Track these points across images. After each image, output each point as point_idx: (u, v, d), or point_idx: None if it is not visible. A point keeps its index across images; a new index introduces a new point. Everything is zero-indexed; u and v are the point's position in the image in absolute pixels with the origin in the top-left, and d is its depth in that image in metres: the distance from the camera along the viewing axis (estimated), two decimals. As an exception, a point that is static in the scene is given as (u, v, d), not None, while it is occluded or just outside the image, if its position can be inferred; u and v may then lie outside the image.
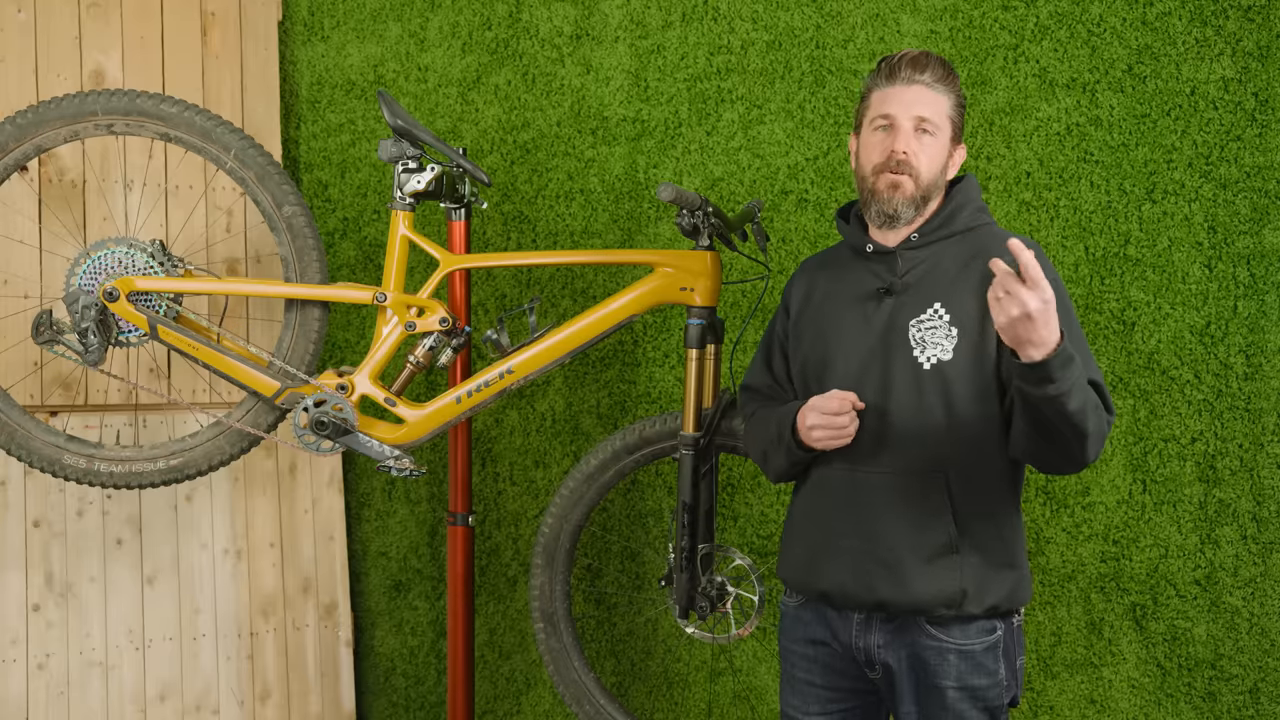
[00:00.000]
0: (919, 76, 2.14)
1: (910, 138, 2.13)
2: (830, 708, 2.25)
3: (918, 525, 2.10)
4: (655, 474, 3.32)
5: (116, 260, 2.80)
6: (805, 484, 2.26)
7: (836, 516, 2.17)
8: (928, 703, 2.14)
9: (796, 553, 2.25)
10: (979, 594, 2.11)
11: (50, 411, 3.29)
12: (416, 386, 3.58)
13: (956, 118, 2.17)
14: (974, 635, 2.13)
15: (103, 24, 3.40)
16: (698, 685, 3.31)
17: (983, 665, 2.13)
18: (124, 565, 3.34)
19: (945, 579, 2.09)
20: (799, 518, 2.26)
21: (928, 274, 2.15)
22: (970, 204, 2.20)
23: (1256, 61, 2.64)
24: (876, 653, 2.17)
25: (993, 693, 2.14)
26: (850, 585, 2.15)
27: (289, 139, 3.69)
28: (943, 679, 2.13)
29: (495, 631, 3.56)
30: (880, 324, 2.16)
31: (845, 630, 2.20)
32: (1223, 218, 2.69)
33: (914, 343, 2.12)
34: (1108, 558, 2.82)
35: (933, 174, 2.15)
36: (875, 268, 2.20)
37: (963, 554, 2.10)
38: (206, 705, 3.41)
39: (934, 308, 2.13)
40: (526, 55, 3.43)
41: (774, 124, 3.13)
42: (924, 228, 2.17)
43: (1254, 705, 2.69)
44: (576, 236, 3.38)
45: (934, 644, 2.13)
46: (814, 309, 2.27)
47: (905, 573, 2.10)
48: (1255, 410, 2.67)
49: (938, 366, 2.10)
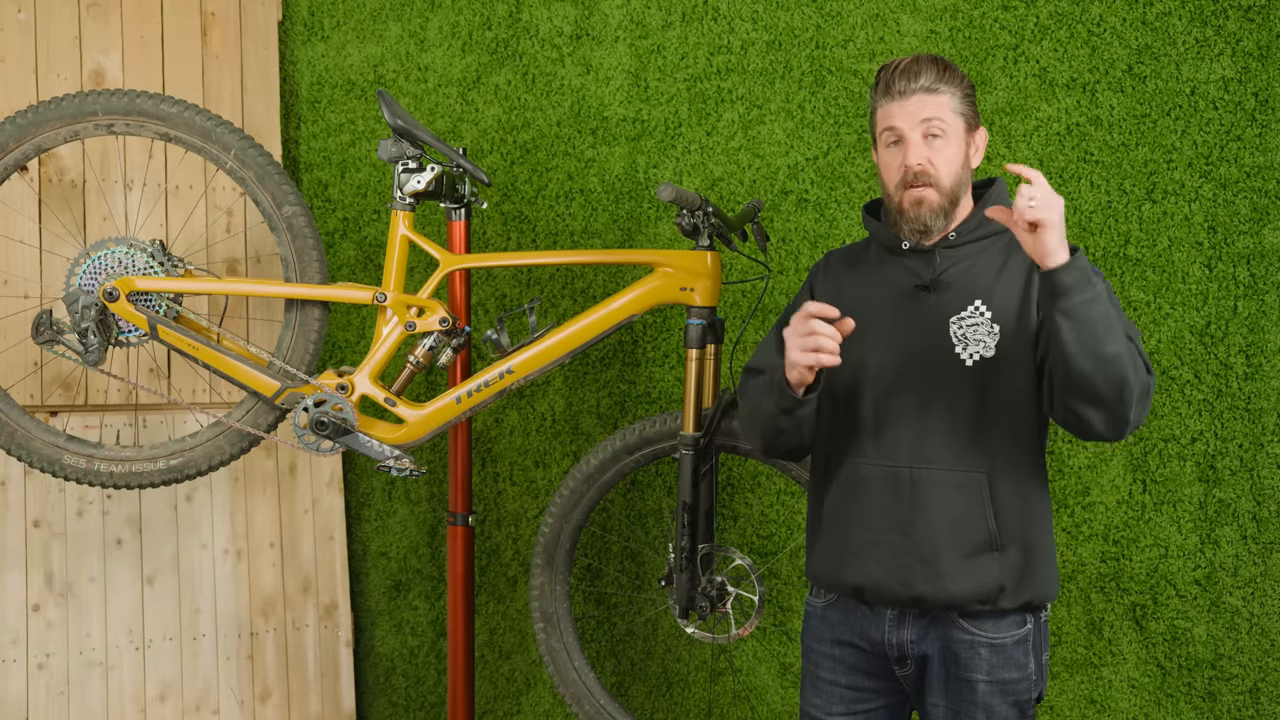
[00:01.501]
0: (914, 85, 2.12)
1: (920, 148, 2.12)
2: (854, 708, 2.24)
3: (957, 521, 2.10)
4: (655, 474, 3.32)
5: (116, 260, 2.80)
6: (836, 482, 2.23)
7: (873, 512, 2.15)
8: (957, 696, 2.14)
9: (828, 549, 2.23)
10: (1015, 590, 2.11)
11: (50, 411, 3.29)
12: (416, 386, 3.58)
13: (965, 108, 2.14)
14: (1005, 629, 2.13)
15: (103, 24, 3.40)
16: (698, 685, 3.31)
17: (1013, 659, 2.13)
18: (124, 565, 3.34)
19: (983, 575, 2.09)
20: (831, 515, 2.23)
21: (966, 272, 2.15)
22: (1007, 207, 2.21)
23: (1256, 61, 2.64)
24: (909, 647, 2.16)
25: (1022, 686, 2.14)
26: (886, 580, 2.13)
27: (289, 139, 3.69)
28: (974, 672, 2.12)
29: (495, 631, 3.56)
30: (920, 321, 2.15)
31: (876, 627, 2.19)
32: (1223, 218, 2.69)
33: (955, 340, 2.12)
34: (1108, 558, 2.82)
35: (954, 175, 2.13)
36: (912, 265, 2.18)
37: (1001, 550, 2.10)
38: (206, 705, 3.41)
39: (975, 304, 2.12)
40: (526, 55, 3.43)
41: (774, 124, 3.13)
42: (961, 228, 2.17)
43: (1254, 705, 2.69)
44: (576, 236, 3.38)
45: (966, 637, 2.12)
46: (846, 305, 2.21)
47: (943, 568, 2.10)
48: (1255, 410, 2.67)
49: (980, 363, 2.10)
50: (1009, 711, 2.14)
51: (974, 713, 2.13)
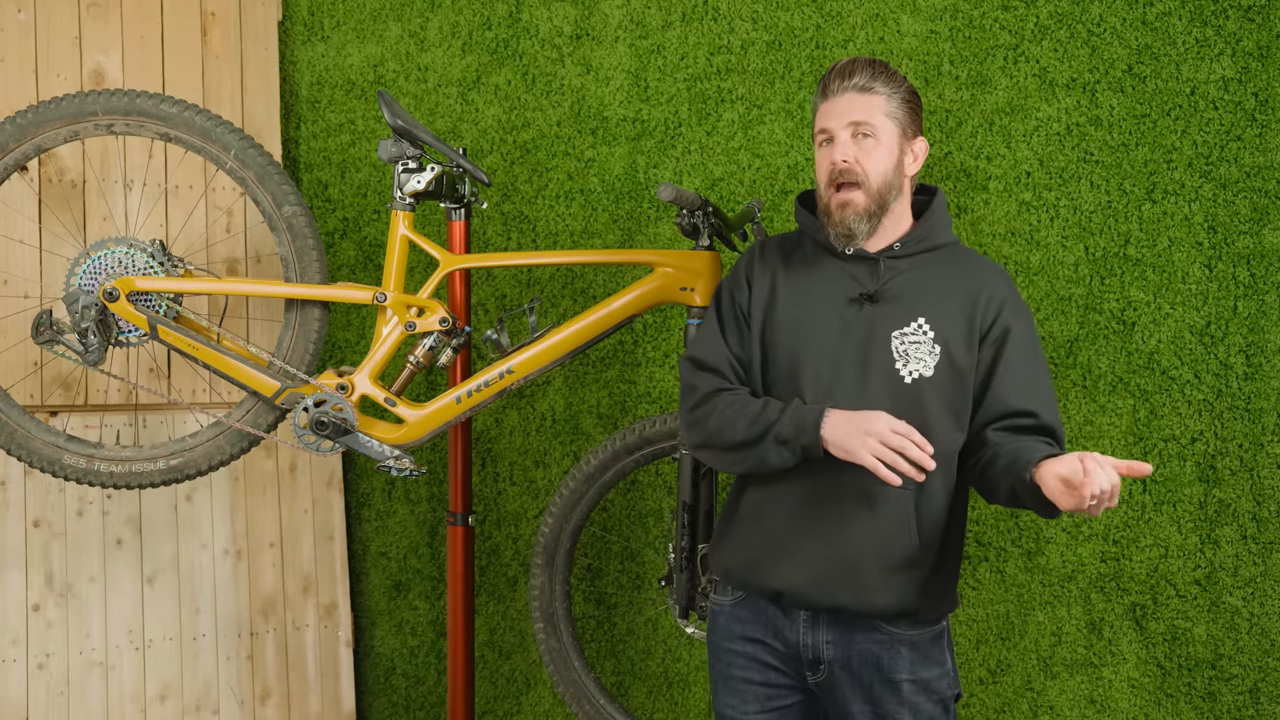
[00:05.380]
0: (847, 83, 2.12)
1: (847, 146, 2.11)
2: (770, 704, 2.21)
3: (883, 536, 2.09)
4: (655, 474, 3.32)
5: (116, 260, 2.80)
6: (755, 478, 2.18)
7: (796, 517, 2.12)
8: (882, 698, 2.13)
9: (743, 548, 2.19)
10: (934, 604, 2.13)
11: (50, 411, 3.29)
12: (416, 386, 3.58)
13: (901, 113, 2.13)
14: (922, 626, 2.14)
15: (103, 24, 3.40)
16: (698, 685, 3.31)
17: (932, 656, 2.14)
18: (124, 565, 3.34)
19: (906, 590, 2.09)
20: (747, 513, 2.18)
21: (910, 286, 2.13)
22: (945, 218, 2.21)
23: (1256, 61, 2.64)
24: (824, 649, 2.14)
25: (944, 683, 2.15)
26: (806, 587, 2.11)
27: (289, 139, 3.69)
28: (896, 672, 2.12)
29: (495, 631, 3.56)
30: (860, 331, 2.12)
31: (790, 628, 2.16)
32: (1223, 218, 2.69)
33: (896, 355, 2.10)
34: (1108, 558, 2.82)
35: (881, 177, 2.11)
36: (855, 271, 2.16)
37: (923, 567, 2.10)
38: (206, 705, 3.41)
39: (918, 321, 2.11)
40: (526, 55, 3.43)
41: (774, 124, 3.13)
42: (906, 239, 2.16)
43: (1254, 705, 2.69)
44: (576, 236, 3.38)
45: (885, 638, 2.12)
46: (782, 304, 2.19)
47: (867, 581, 2.09)
48: (1255, 410, 2.67)
49: (918, 382, 2.09)
50: (934, 709, 2.14)
51: (900, 713, 2.12)
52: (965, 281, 2.13)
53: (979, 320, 2.11)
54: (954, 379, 2.09)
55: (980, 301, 2.12)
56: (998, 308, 2.12)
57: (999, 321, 2.12)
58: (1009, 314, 2.12)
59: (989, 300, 2.12)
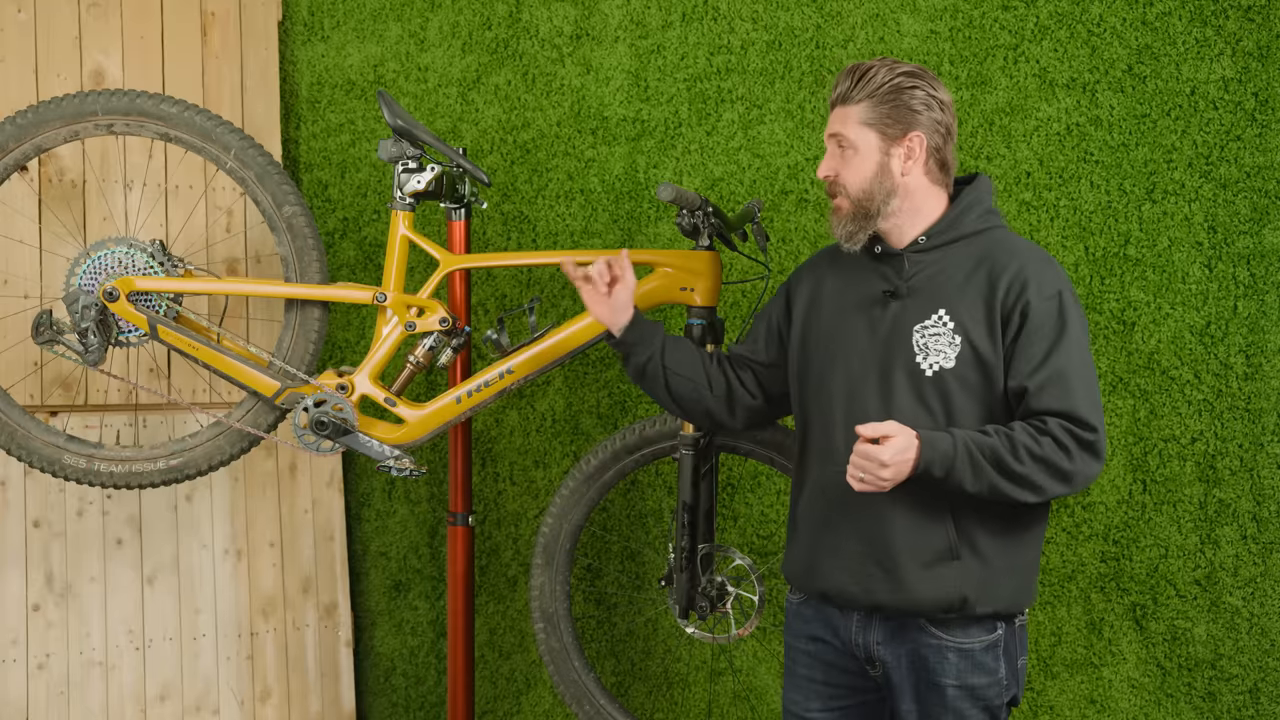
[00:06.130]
0: (834, 95, 2.22)
1: (832, 158, 2.21)
2: (831, 704, 2.26)
3: (916, 529, 2.11)
4: (655, 474, 3.32)
5: (116, 260, 2.80)
6: (809, 484, 2.25)
7: (836, 518, 2.18)
8: (927, 701, 2.15)
9: (798, 552, 2.26)
10: (981, 598, 2.11)
11: (50, 411, 3.29)
12: (416, 386, 3.58)
13: (875, 119, 2.16)
14: (974, 635, 2.13)
15: (103, 24, 3.40)
16: (698, 685, 3.31)
17: (982, 664, 2.13)
18: (124, 565, 3.34)
19: (945, 584, 2.10)
20: (800, 517, 2.27)
21: (934, 279, 2.15)
22: (978, 206, 2.20)
23: (1256, 61, 2.64)
24: (876, 650, 2.18)
25: (992, 691, 2.14)
26: (849, 586, 2.16)
27: (289, 139, 3.69)
28: (942, 677, 2.13)
29: (495, 631, 3.56)
30: (884, 328, 2.16)
31: (845, 628, 2.21)
32: (1223, 218, 2.69)
33: (917, 348, 2.12)
34: (1108, 558, 2.82)
35: (860, 186, 2.17)
36: (883, 269, 2.20)
37: (963, 559, 2.10)
38: (206, 705, 3.41)
39: (939, 314, 2.13)
40: (526, 55, 3.43)
41: (774, 124, 3.13)
42: (931, 230, 2.17)
43: (1254, 705, 2.69)
44: (576, 236, 3.38)
45: (934, 643, 2.13)
46: (820, 309, 2.27)
47: (903, 576, 2.11)
48: (1255, 410, 2.67)
49: (940, 373, 2.10)
50: (979, 716, 2.14)
51: (943, 717, 2.14)
52: (989, 267, 2.12)
53: (999, 305, 2.10)
54: (978, 367, 2.10)
55: (1000, 285, 2.10)
56: (1019, 289, 2.09)
57: (1019, 303, 2.09)
58: (1032, 294, 2.08)
59: (1010, 283, 2.10)
